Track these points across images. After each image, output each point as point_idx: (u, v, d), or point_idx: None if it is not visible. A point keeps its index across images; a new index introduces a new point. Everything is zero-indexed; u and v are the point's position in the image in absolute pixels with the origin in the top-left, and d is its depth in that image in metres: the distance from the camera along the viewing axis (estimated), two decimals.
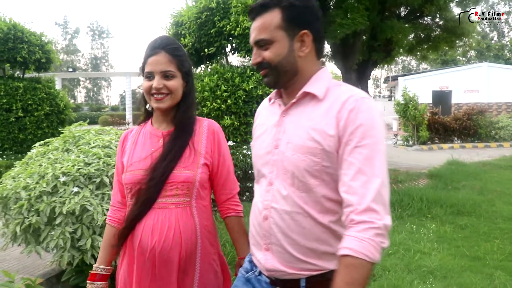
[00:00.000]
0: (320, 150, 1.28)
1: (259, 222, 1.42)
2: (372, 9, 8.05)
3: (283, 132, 1.39)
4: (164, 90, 1.63)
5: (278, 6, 1.35)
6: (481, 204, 6.46)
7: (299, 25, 1.35)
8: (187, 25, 6.89)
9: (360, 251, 1.13)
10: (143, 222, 1.63)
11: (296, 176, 1.32)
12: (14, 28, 9.14)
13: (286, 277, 1.36)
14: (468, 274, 3.90)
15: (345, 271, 1.15)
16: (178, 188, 1.62)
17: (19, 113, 9.10)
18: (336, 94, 1.34)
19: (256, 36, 1.38)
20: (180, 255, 1.62)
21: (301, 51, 1.37)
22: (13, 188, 3.26)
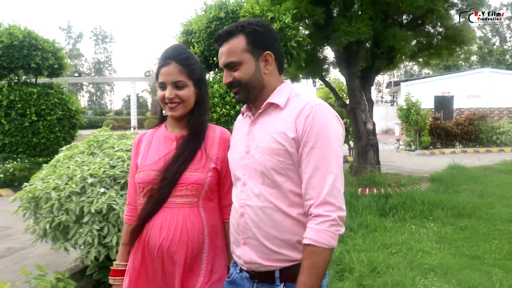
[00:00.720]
0: (283, 151, 1.47)
1: (237, 220, 1.58)
2: (375, 18, 8.30)
3: (252, 139, 1.58)
4: (176, 99, 1.73)
5: (242, 32, 1.54)
6: (481, 207, 6.68)
7: (262, 47, 1.56)
8: (197, 34, 7.15)
9: (319, 240, 1.36)
10: (152, 220, 1.70)
11: (265, 174, 1.50)
12: (28, 35, 9.44)
13: (261, 269, 1.51)
14: (467, 271, 4.14)
15: (308, 257, 1.38)
16: (188, 189, 1.70)
17: (33, 117, 9.38)
18: (295, 103, 1.53)
19: (226, 59, 1.56)
20: (186, 253, 1.68)
21: (266, 69, 1.57)
22: (43, 188, 3.52)
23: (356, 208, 6.34)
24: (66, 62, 10.34)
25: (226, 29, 1.58)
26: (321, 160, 1.42)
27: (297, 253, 1.47)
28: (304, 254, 1.40)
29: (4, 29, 9.42)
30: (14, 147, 9.38)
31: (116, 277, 1.84)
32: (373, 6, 8.13)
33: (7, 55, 9.19)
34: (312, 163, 1.42)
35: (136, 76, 29.33)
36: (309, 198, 1.42)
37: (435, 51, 10.66)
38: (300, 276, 1.38)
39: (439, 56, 10.99)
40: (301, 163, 1.45)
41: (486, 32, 53.80)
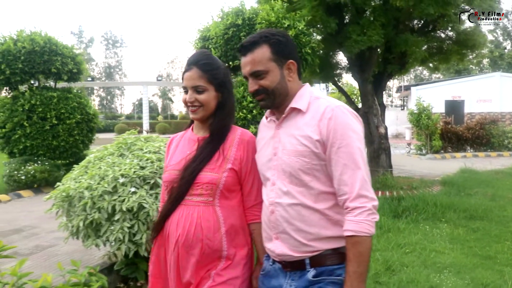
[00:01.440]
0: (309, 152, 1.59)
1: (268, 217, 1.70)
2: (387, 24, 8.46)
3: (278, 141, 1.69)
4: (196, 103, 1.81)
5: (267, 43, 1.65)
6: (493, 209, 6.80)
7: (286, 56, 1.68)
8: (214, 40, 7.37)
9: (360, 230, 1.50)
10: (171, 217, 1.81)
11: (292, 175, 1.62)
12: (49, 41, 9.73)
13: (293, 259, 1.64)
14: (480, 270, 4.28)
15: (352, 247, 1.52)
16: (203, 188, 1.77)
17: (53, 121, 9.64)
18: (316, 106, 1.65)
19: (252, 68, 1.66)
20: (201, 249, 1.75)
21: (290, 77, 1.70)
22: (76, 188, 3.73)
23: None
24: (84, 67, 10.63)
25: (250, 39, 1.68)
26: (348, 158, 1.55)
27: (323, 243, 1.61)
28: (348, 245, 1.53)
29: (26, 35, 9.73)
30: (35, 150, 9.65)
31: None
32: (385, 12, 8.30)
33: (28, 61, 9.49)
34: (341, 161, 1.55)
35: (148, 81, 29.71)
36: (342, 194, 1.56)
37: (446, 56, 10.77)
38: (349, 266, 1.52)
39: (450, 60, 11.10)
40: (330, 162, 1.58)
41: (497, 36, 53.52)
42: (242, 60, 1.70)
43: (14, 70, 9.42)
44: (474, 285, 3.92)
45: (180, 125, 32.97)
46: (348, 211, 1.54)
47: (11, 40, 9.55)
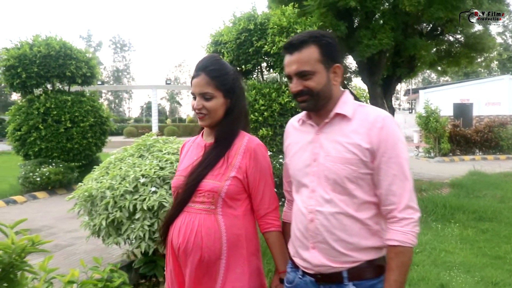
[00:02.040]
0: (357, 160, 1.55)
1: (305, 225, 1.63)
2: (396, 28, 8.58)
3: (319, 147, 1.63)
4: (203, 110, 1.77)
5: (316, 43, 1.59)
6: (502, 211, 6.86)
7: (333, 59, 1.62)
8: (227, 45, 7.52)
9: (406, 241, 1.50)
10: (174, 223, 1.79)
11: (337, 182, 1.57)
12: (64, 46, 9.94)
13: (330, 271, 1.58)
14: (490, 269, 4.37)
15: (396, 257, 1.51)
16: (205, 196, 1.74)
17: (68, 124, 9.84)
18: (363, 114, 1.61)
19: (299, 68, 1.59)
20: (201, 257, 1.72)
21: (335, 81, 1.64)
22: (98, 188, 3.87)
23: None
24: (98, 71, 10.84)
25: (299, 38, 1.61)
26: (398, 168, 1.53)
27: (362, 254, 1.58)
28: (391, 254, 1.53)
29: (42, 40, 9.95)
30: (49, 152, 9.85)
31: None
32: (394, 17, 8.42)
33: (44, 65, 9.70)
34: (391, 172, 1.53)
35: (158, 84, 29.96)
36: (390, 204, 1.55)
37: (455, 59, 10.86)
38: (391, 275, 1.51)
39: (459, 64, 11.18)
40: (379, 172, 1.56)
41: (506, 39, 53.21)
42: (287, 59, 1.64)
43: (30, 74, 9.64)
44: (484, 283, 4.02)
45: (188, 128, 33.17)
46: (394, 221, 1.54)
47: (27, 45, 9.78)
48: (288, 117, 7.05)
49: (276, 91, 7.16)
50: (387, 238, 1.54)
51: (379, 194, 1.57)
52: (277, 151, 7.11)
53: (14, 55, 9.55)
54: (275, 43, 7.08)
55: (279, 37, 7.05)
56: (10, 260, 2.10)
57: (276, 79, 8.26)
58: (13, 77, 9.61)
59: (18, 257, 2.11)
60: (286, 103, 7.05)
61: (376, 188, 1.58)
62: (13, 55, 9.56)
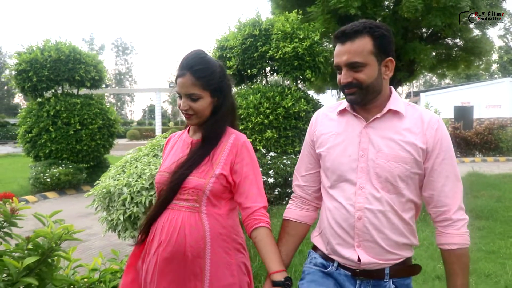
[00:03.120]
0: (411, 159, 1.54)
1: (351, 223, 1.59)
2: (396, 33, 8.84)
3: (368, 142, 1.59)
4: (190, 111, 1.73)
5: (370, 34, 1.51)
6: (498, 210, 7.10)
7: (386, 52, 1.54)
8: (233, 50, 7.81)
9: (464, 242, 1.54)
10: (157, 221, 1.75)
11: (389, 180, 1.55)
12: (73, 50, 10.26)
13: (376, 267, 1.59)
14: (483, 262, 4.63)
15: (458, 260, 1.54)
16: (189, 193, 1.70)
17: (77, 126, 10.14)
18: (416, 113, 1.59)
19: (350, 58, 1.52)
20: (184, 255, 1.68)
21: (386, 75, 1.57)
22: (115, 185, 4.14)
23: None
24: (105, 74, 11.14)
25: (353, 27, 1.53)
26: (451, 170, 1.55)
27: (405, 251, 1.61)
28: (452, 258, 1.56)
29: (52, 45, 10.25)
30: (59, 154, 10.14)
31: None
32: (394, 22, 8.68)
33: (54, 69, 10.01)
34: (444, 173, 1.55)
35: (161, 87, 30.24)
36: (443, 205, 1.57)
37: (454, 63, 11.09)
38: (457, 280, 1.54)
39: (458, 67, 11.41)
40: (432, 173, 1.56)
41: (508, 41, 53.36)
42: (337, 48, 1.57)
43: (40, 77, 9.95)
44: (477, 275, 4.27)
45: None
46: (448, 224, 1.57)
47: (38, 49, 10.09)
48: (291, 120, 7.33)
49: (280, 94, 7.44)
50: (445, 243, 1.56)
51: (429, 195, 1.58)
52: (281, 152, 7.38)
53: (26, 59, 9.87)
54: (279, 48, 7.36)
55: (283, 42, 7.32)
56: (50, 246, 2.40)
57: (279, 83, 8.54)
58: (24, 80, 9.93)
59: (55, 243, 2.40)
60: (290, 106, 7.33)
61: (425, 189, 1.58)
62: (24, 59, 9.88)
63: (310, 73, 7.54)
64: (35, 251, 2.33)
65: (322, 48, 7.64)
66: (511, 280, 4.11)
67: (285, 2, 9.13)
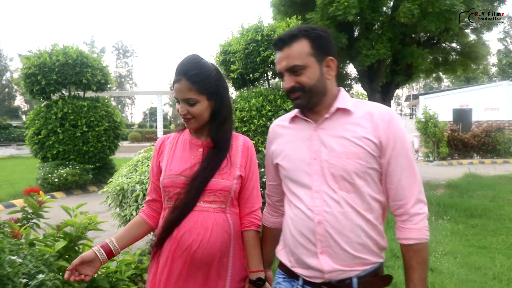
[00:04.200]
0: (364, 154, 1.48)
1: (311, 229, 1.52)
2: (394, 38, 9.15)
3: (320, 144, 1.55)
4: (188, 115, 1.75)
5: (306, 37, 1.50)
6: (492, 209, 7.37)
7: (325, 52, 1.53)
8: (236, 54, 8.09)
9: (422, 237, 1.48)
10: (182, 224, 1.72)
11: (345, 178, 1.49)
12: (80, 54, 10.55)
13: (341, 276, 1.49)
14: (474, 256, 4.90)
15: (416, 254, 1.48)
16: (216, 195, 1.74)
17: (84, 128, 10.43)
18: (366, 108, 1.55)
19: (289, 63, 1.52)
20: (214, 256, 1.71)
21: (328, 75, 1.55)
22: (128, 183, 4.42)
23: None
24: (111, 78, 11.43)
25: (288, 32, 1.54)
26: (407, 163, 1.50)
27: (372, 256, 1.53)
28: (409, 253, 1.50)
29: (60, 49, 10.55)
30: (66, 155, 10.43)
31: (102, 250, 1.75)
32: (392, 28, 9.00)
33: (62, 72, 10.31)
34: (400, 166, 1.50)
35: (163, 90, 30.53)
36: (400, 199, 1.51)
37: (451, 67, 11.41)
38: (414, 275, 1.49)
39: (455, 71, 11.73)
40: (388, 167, 1.51)
41: (508, 44, 53.56)
42: (277, 55, 1.56)
43: (49, 81, 10.25)
44: (468, 267, 4.55)
45: None
46: (406, 219, 1.51)
47: (46, 54, 10.38)
48: None
49: (281, 98, 7.72)
50: (402, 238, 1.51)
51: (388, 189, 1.53)
52: None
53: (35, 63, 10.17)
54: None
55: None
56: (77, 235, 2.68)
57: (280, 86, 8.81)
58: (33, 84, 10.22)
59: (81, 233, 2.69)
60: (290, 109, 7.61)
61: (384, 184, 1.54)
62: (33, 63, 10.17)
63: None
64: (64, 239, 2.61)
65: None
66: (499, 271, 4.39)
67: (286, 9, 9.45)
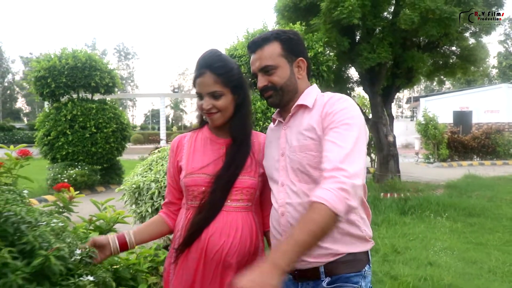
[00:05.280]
0: (314, 145, 1.51)
1: (277, 220, 1.60)
2: (395, 42, 9.41)
3: (285, 141, 1.63)
4: (213, 109, 1.71)
5: (277, 39, 1.60)
6: (490, 208, 7.63)
7: (296, 53, 1.62)
8: (242, 58, 8.36)
9: (324, 197, 1.29)
10: (211, 225, 1.67)
11: (302, 171, 1.54)
12: (89, 58, 10.83)
13: (307, 266, 1.52)
14: (471, 252, 5.16)
15: (307, 213, 1.32)
16: (243, 193, 1.71)
17: (92, 129, 10.70)
18: (321, 100, 1.59)
19: (261, 63, 1.60)
20: (244, 256, 1.68)
21: (299, 74, 1.64)
22: (144, 181, 4.67)
23: (379, 208, 7.39)
24: (118, 81, 11.71)
25: (261, 36, 1.64)
26: (339, 137, 1.43)
27: (339, 245, 1.50)
28: (308, 209, 1.34)
29: (69, 53, 10.83)
30: (75, 156, 10.69)
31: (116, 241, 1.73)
32: (393, 32, 9.25)
33: (71, 75, 10.58)
34: (331, 140, 1.44)
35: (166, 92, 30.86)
36: (323, 162, 1.42)
37: (450, 70, 11.65)
38: (295, 230, 1.31)
39: (455, 74, 11.97)
40: (323, 143, 1.48)
41: (508, 47, 53.61)
42: (251, 58, 1.66)
43: (58, 84, 10.52)
44: (465, 262, 4.80)
45: None
46: (323, 181, 1.38)
47: (56, 57, 10.66)
48: None
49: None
50: (311, 196, 1.36)
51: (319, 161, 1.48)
52: None
53: (45, 66, 10.44)
54: None
55: None
56: (107, 228, 2.95)
57: None
58: (43, 86, 10.49)
59: (111, 225, 2.95)
60: None
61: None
62: (43, 66, 10.44)
63: (315, 80, 8.09)
64: (94, 231, 2.87)
65: (326, 57, 8.18)
66: (494, 265, 4.65)
67: (290, 14, 9.71)
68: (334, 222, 1.30)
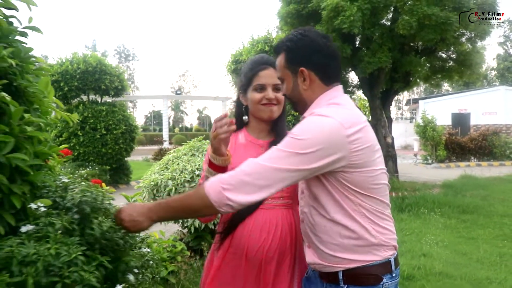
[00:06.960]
0: None
1: (300, 225, 1.67)
2: (393, 48, 9.84)
3: None
4: (274, 101, 1.78)
5: (283, 50, 1.57)
6: (483, 206, 8.06)
7: (298, 63, 1.53)
8: None
9: (206, 185, 1.39)
10: (249, 222, 1.71)
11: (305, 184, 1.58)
12: (100, 62, 11.28)
13: (325, 269, 1.52)
14: (462, 245, 5.59)
15: (194, 190, 1.46)
16: (284, 191, 1.68)
17: (102, 131, 11.14)
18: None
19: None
20: (285, 254, 1.71)
21: (304, 85, 1.55)
22: (161, 179, 5.09)
23: None
24: (126, 84, 12.16)
25: (274, 46, 1.65)
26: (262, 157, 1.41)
27: (356, 255, 1.46)
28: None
29: (80, 57, 11.28)
30: (86, 156, 11.13)
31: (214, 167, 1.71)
32: (391, 38, 9.69)
33: (82, 79, 11.05)
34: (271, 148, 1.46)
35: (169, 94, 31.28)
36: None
37: (447, 74, 12.07)
38: (171, 200, 1.48)
39: (452, 78, 12.40)
40: None
41: (508, 48, 53.69)
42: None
43: (70, 87, 10.98)
44: (456, 253, 5.23)
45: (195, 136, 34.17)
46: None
47: (68, 61, 11.11)
48: None
49: (290, 104, 8.45)
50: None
51: None
52: None
53: (58, 70, 10.89)
54: None
55: None
56: None
57: None
58: (56, 90, 10.90)
59: None
60: (298, 115, 8.27)
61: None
62: (57, 70, 10.90)
63: None
64: None
65: None
66: (482, 256, 5.08)
67: (292, 20, 10.14)
68: (206, 207, 1.40)
